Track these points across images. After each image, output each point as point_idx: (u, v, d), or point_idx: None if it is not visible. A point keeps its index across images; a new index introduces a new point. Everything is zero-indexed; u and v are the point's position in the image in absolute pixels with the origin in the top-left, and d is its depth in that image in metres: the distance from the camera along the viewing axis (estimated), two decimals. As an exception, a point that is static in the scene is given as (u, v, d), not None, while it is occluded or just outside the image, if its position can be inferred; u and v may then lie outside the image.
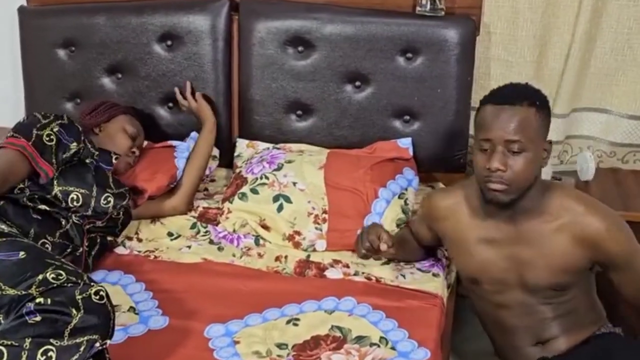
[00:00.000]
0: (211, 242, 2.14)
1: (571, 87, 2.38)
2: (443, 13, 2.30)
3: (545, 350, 1.78)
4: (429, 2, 2.28)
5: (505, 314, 1.80)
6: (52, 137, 1.94)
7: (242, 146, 2.47)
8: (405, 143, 2.36)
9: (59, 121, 2.00)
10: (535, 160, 1.64)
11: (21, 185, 1.88)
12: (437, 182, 2.46)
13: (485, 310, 1.87)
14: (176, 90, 2.43)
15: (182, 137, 2.48)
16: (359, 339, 1.69)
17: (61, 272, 1.51)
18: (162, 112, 2.54)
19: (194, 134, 2.45)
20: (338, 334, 1.70)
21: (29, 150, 1.87)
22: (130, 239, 2.15)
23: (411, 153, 2.34)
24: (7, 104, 2.86)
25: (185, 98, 2.41)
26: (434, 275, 1.97)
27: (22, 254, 1.55)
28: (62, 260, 1.61)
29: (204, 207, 2.30)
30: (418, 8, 2.31)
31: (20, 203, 1.85)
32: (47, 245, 1.82)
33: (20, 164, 1.86)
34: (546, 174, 2.23)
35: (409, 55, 2.32)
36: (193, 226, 2.22)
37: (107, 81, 2.54)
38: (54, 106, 2.56)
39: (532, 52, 2.36)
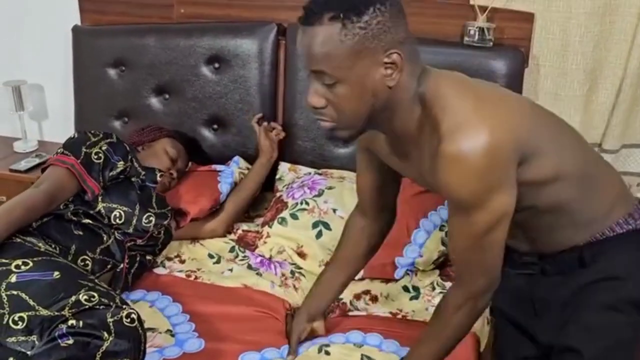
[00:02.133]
0: (249, 267, 2.14)
1: (621, 122, 2.33)
2: (491, 44, 2.28)
3: (534, 245, 1.52)
4: (477, 33, 2.26)
5: None
6: (100, 155, 1.97)
7: (284, 169, 2.48)
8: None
9: (108, 140, 2.04)
10: (360, 88, 1.24)
11: (66, 201, 1.92)
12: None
13: None
14: (257, 117, 2.43)
15: (225, 159, 2.51)
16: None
17: (94, 293, 1.53)
18: (207, 134, 2.56)
19: (236, 158, 2.47)
20: (370, 366, 1.68)
21: (77, 169, 1.90)
22: (170, 259, 2.17)
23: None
24: (56, 119, 2.94)
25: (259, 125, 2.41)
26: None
27: (56, 274, 1.58)
28: (96, 281, 1.64)
29: (243, 230, 2.32)
30: (466, 38, 2.29)
31: (65, 218, 1.88)
32: (87, 262, 1.84)
33: (69, 182, 1.90)
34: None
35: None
36: (232, 249, 2.23)
37: (154, 101, 2.58)
38: (102, 124, 2.62)
39: (581, 86, 2.31)
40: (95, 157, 1.97)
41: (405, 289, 2.05)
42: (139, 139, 2.31)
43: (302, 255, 2.15)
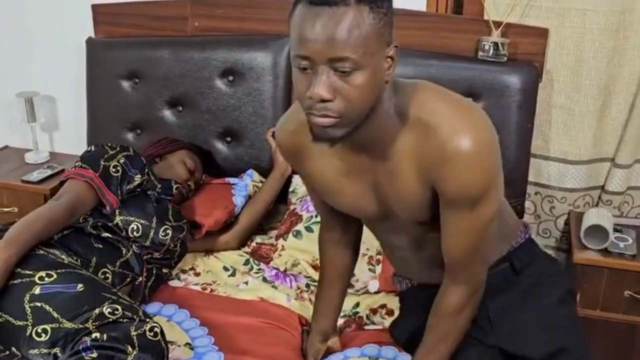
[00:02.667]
0: (264, 279, 2.14)
1: (634, 137, 2.34)
2: (506, 59, 2.29)
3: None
4: (492, 48, 2.27)
5: (392, 248, 1.58)
6: (118, 168, 1.97)
7: (298, 182, 2.47)
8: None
9: (125, 152, 2.04)
10: (375, 78, 1.18)
11: (85, 214, 1.92)
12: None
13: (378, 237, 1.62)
14: (272, 130, 2.41)
15: (238, 172, 2.51)
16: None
17: (117, 306, 1.53)
18: (220, 146, 2.57)
19: (250, 171, 2.47)
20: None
21: (96, 182, 1.91)
22: (184, 271, 2.17)
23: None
24: (68, 131, 2.94)
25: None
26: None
27: (80, 287, 1.58)
28: (119, 294, 1.64)
29: (257, 243, 2.31)
30: (480, 53, 2.30)
31: (85, 231, 1.88)
32: (107, 275, 1.85)
33: (88, 195, 1.90)
34: (609, 225, 2.19)
35: (469, 99, 2.31)
36: (246, 262, 2.23)
37: (168, 113, 2.59)
38: (115, 136, 2.62)
39: (595, 102, 2.32)
40: (113, 170, 1.97)
41: (422, 302, 2.05)
42: (156, 151, 2.31)
43: (317, 268, 2.12)
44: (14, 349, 1.53)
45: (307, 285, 2.12)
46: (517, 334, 1.53)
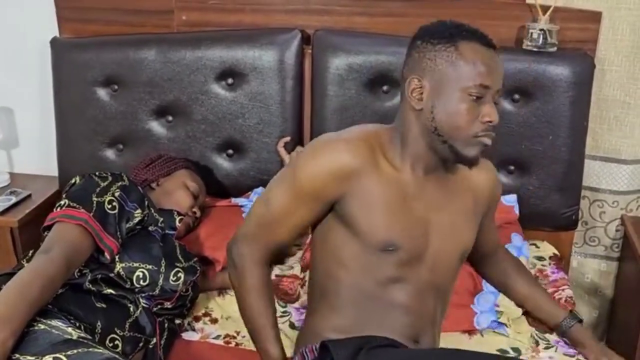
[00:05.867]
0: (292, 326, 1.79)
1: (697, 133, 2.09)
2: (555, 48, 1.99)
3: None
4: (541, 36, 1.97)
5: (400, 295, 1.45)
6: (114, 203, 1.60)
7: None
8: (510, 201, 2.05)
9: (119, 183, 1.66)
10: None
11: (81, 266, 1.53)
12: (540, 241, 2.15)
13: (372, 286, 1.45)
14: (284, 141, 2.13)
15: (242, 190, 2.17)
16: None
17: None
18: (220, 161, 2.20)
19: (259, 189, 2.11)
20: None
21: (91, 225, 1.52)
22: (198, 319, 1.80)
23: (517, 212, 2.03)
24: (30, 148, 2.51)
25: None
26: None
27: None
28: None
29: (276, 275, 1.94)
30: (527, 42, 2.00)
31: (83, 289, 1.51)
32: (117, 342, 1.49)
33: (85, 241, 1.51)
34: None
35: (516, 96, 2.02)
36: (269, 302, 1.87)
37: (155, 125, 2.21)
38: (92, 153, 2.25)
39: (654, 93, 2.06)
40: (109, 206, 1.59)
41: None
42: (152, 175, 1.93)
43: (356, 306, 1.81)
44: None
45: (348, 328, 1.78)
46: None
